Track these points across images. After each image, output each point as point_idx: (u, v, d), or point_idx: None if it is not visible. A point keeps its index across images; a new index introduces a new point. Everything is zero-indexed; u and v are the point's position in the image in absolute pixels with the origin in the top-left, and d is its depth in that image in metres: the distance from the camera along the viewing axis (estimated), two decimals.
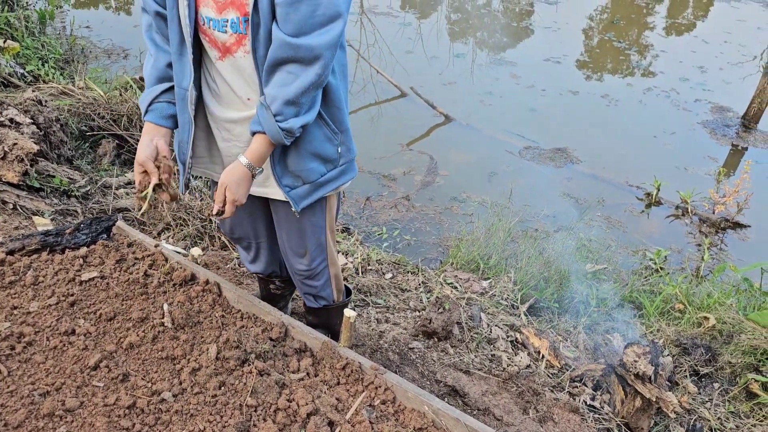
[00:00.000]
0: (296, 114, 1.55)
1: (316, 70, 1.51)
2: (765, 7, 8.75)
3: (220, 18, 1.57)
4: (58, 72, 4.62)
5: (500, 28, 7.54)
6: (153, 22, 1.71)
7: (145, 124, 1.74)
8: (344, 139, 1.79)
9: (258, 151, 1.61)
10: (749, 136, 5.38)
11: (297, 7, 1.45)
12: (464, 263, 3.41)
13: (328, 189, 1.82)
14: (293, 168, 1.73)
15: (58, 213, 2.79)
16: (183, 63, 1.67)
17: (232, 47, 1.60)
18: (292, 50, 1.49)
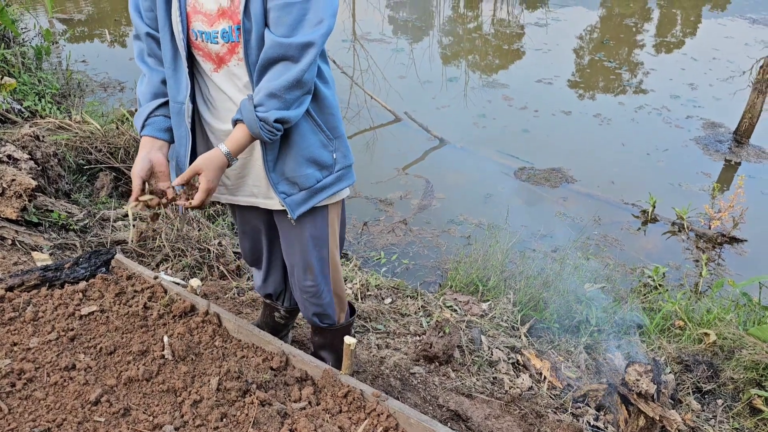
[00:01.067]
0: (277, 107, 1.58)
1: (302, 66, 1.55)
2: (751, 24, 8.88)
3: (211, 30, 1.62)
4: (54, 107, 4.66)
5: (492, 51, 7.64)
6: (145, 46, 1.76)
7: (142, 139, 1.75)
8: (339, 145, 1.82)
9: (236, 139, 1.64)
10: (742, 150, 5.42)
11: (289, 11, 1.53)
12: (463, 286, 3.42)
13: (325, 195, 1.83)
14: (289, 174, 1.76)
15: (57, 247, 2.80)
16: (178, 77, 1.71)
17: (226, 57, 1.65)
18: (282, 49, 1.55)
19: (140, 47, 1.78)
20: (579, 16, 9.02)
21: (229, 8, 1.59)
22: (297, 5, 1.52)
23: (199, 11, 1.62)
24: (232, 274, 3.08)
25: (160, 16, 1.65)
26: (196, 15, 1.62)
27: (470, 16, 9.02)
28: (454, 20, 8.81)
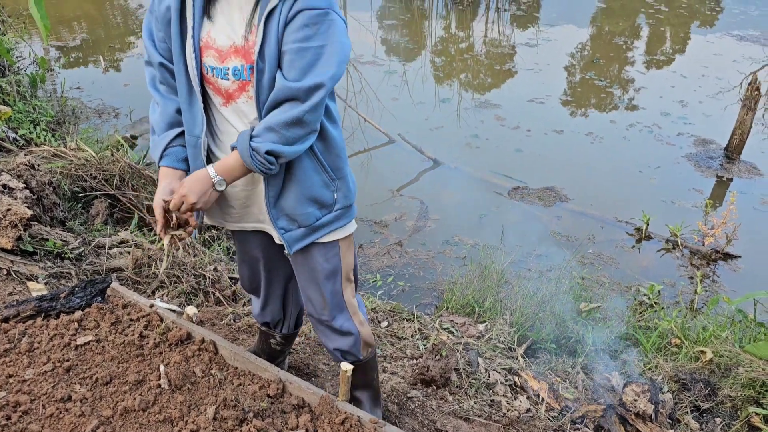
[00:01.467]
0: (272, 140, 1.59)
1: (306, 106, 1.57)
2: (738, 41, 9.01)
3: (222, 66, 1.65)
4: (50, 134, 4.67)
5: (484, 71, 7.72)
6: (157, 74, 1.78)
7: (161, 169, 1.77)
8: (341, 186, 1.84)
9: (226, 163, 1.67)
10: (733, 167, 5.47)
11: (303, 55, 1.56)
12: (459, 307, 3.42)
13: (324, 233, 1.84)
14: (289, 211, 1.78)
15: (52, 276, 2.79)
16: (193, 112, 1.73)
17: (235, 93, 1.68)
18: (291, 92, 1.57)
19: (152, 74, 1.80)
20: (569, 35, 9.13)
21: (243, 47, 1.61)
22: (312, 50, 1.55)
23: (211, 46, 1.65)
24: (228, 300, 3.08)
25: (175, 50, 1.67)
26: (208, 50, 1.65)
27: (462, 36, 9.12)
28: (446, 40, 8.91)
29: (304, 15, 1.54)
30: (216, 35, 1.64)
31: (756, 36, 9.26)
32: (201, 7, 1.63)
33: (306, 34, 1.54)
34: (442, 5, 10.36)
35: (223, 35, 1.63)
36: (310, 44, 1.55)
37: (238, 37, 1.61)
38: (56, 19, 8.70)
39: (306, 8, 1.54)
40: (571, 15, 10.15)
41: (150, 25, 1.76)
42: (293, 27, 1.55)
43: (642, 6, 10.68)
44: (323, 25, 1.55)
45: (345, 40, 1.59)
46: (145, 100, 5.90)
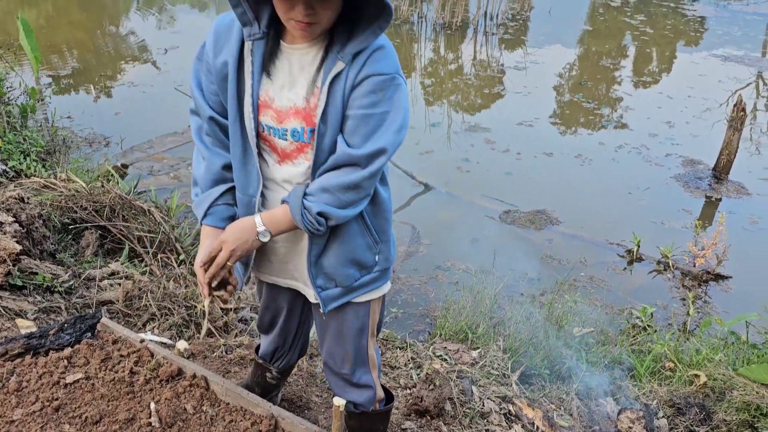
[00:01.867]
0: (325, 201, 1.55)
1: (366, 172, 1.53)
2: (723, 62, 9.15)
3: (280, 127, 1.59)
4: (40, 164, 4.66)
5: (473, 95, 7.79)
6: (205, 126, 1.71)
7: (204, 228, 1.72)
8: (383, 249, 1.80)
9: (275, 215, 1.61)
10: (721, 186, 5.52)
11: (368, 121, 1.51)
12: (452, 333, 3.41)
13: (359, 293, 1.81)
14: (329, 270, 1.74)
15: (42, 311, 2.77)
16: (249, 170, 1.67)
17: (292, 153, 1.62)
18: (353, 159, 1.52)
19: (199, 124, 1.74)
20: (557, 56, 9.24)
21: (304, 109, 1.55)
22: (376, 116, 1.51)
23: (269, 106, 1.58)
24: (220, 331, 3.06)
25: (231, 109, 1.61)
26: (266, 109, 1.58)
27: (451, 60, 9.22)
28: (436, 64, 9.00)
29: (371, 81, 1.49)
30: (275, 95, 1.58)
31: (740, 56, 9.41)
32: (260, 64, 1.56)
33: (372, 101, 1.50)
34: (430, 30, 10.48)
35: (283, 95, 1.57)
36: (376, 110, 1.51)
37: (299, 99, 1.55)
38: (47, 47, 8.74)
39: (374, 74, 1.49)
40: (558, 37, 10.30)
41: (199, 74, 1.69)
42: (360, 92, 1.50)
43: (627, 28, 10.85)
44: (389, 91, 1.51)
45: (407, 105, 1.56)
46: (136, 128, 5.96)
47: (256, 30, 1.53)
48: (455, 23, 10.43)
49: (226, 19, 1.63)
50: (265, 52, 1.56)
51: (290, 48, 1.56)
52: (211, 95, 1.67)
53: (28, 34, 5.91)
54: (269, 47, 1.56)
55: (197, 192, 1.75)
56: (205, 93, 1.68)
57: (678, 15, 11.70)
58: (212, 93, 1.67)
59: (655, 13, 11.78)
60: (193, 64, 1.70)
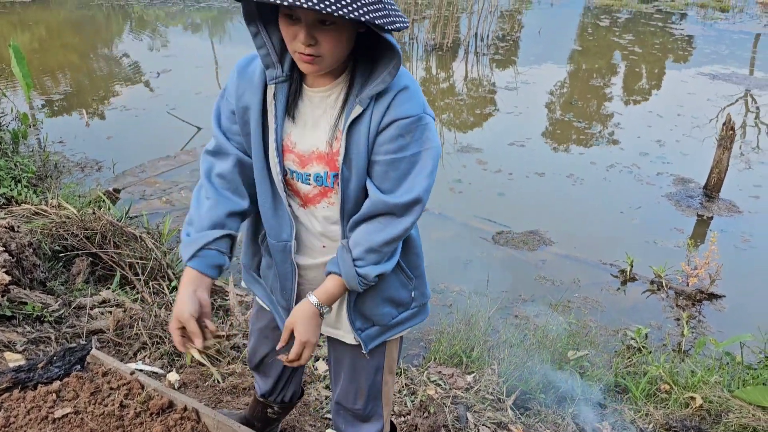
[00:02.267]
0: (376, 262, 1.54)
1: (405, 223, 1.52)
2: (711, 80, 9.25)
3: (302, 171, 1.56)
4: (30, 190, 4.64)
5: (465, 116, 7.84)
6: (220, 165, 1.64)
7: (187, 270, 1.58)
8: (418, 284, 1.78)
9: (330, 291, 1.58)
10: (713, 205, 5.55)
11: (397, 166, 1.48)
12: (447, 357, 3.39)
13: (398, 330, 1.79)
14: (367, 312, 1.72)
15: (31, 342, 2.73)
16: (280, 215, 1.63)
17: (315, 198, 1.60)
18: (388, 208, 1.50)
19: (210, 165, 1.66)
20: (547, 76, 9.33)
21: (327, 153, 1.52)
22: (405, 159, 1.47)
23: (291, 150, 1.56)
24: (212, 359, 3.03)
25: (256, 153, 1.57)
26: (289, 153, 1.56)
27: (442, 81, 9.28)
28: (427, 85, 9.05)
29: (398, 125, 1.45)
30: (297, 139, 1.55)
31: (727, 74, 9.52)
32: (284, 107, 1.53)
33: (400, 145, 1.46)
34: (422, 50, 10.57)
35: (305, 139, 1.54)
36: (405, 153, 1.47)
37: (322, 143, 1.52)
38: (40, 70, 8.76)
39: (400, 117, 1.45)
40: (548, 57, 10.40)
41: (221, 115, 1.64)
42: (386, 137, 1.46)
43: (616, 47, 10.98)
44: (417, 132, 1.47)
45: (437, 142, 1.52)
46: (128, 152, 5.95)
47: (280, 72, 1.50)
48: (446, 44, 10.52)
49: (248, 61, 1.60)
50: (288, 95, 1.53)
51: (311, 91, 1.53)
52: (235, 136, 1.63)
53: (19, 60, 5.92)
54: (292, 90, 1.53)
55: (189, 231, 1.63)
56: (228, 134, 1.64)
57: (666, 34, 11.85)
58: (235, 134, 1.63)
59: (643, 32, 11.93)
60: (215, 104, 1.66)
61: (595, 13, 13.46)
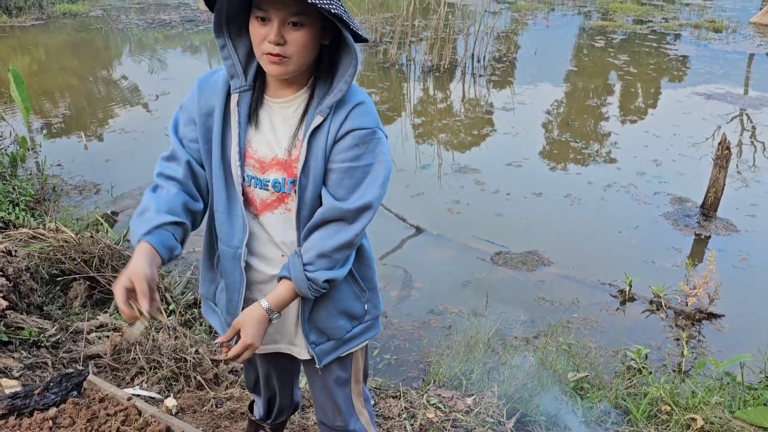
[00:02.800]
0: (326, 267, 1.58)
1: (356, 229, 1.58)
2: (706, 99, 9.32)
3: (262, 177, 1.62)
4: (29, 214, 4.65)
5: (462, 137, 7.88)
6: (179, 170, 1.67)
7: (141, 244, 1.54)
8: (371, 296, 1.82)
9: (281, 296, 1.61)
10: (710, 224, 5.56)
11: (351, 174, 1.56)
12: (447, 380, 3.37)
13: (352, 345, 1.82)
14: (320, 324, 1.74)
15: (27, 367, 2.72)
16: (233, 221, 1.67)
17: (273, 204, 1.65)
18: (341, 213, 1.56)
19: (164, 167, 1.69)
20: (544, 96, 9.39)
21: (285, 161, 1.59)
22: (359, 169, 1.56)
23: (251, 156, 1.62)
24: (210, 384, 3.01)
25: (215, 159, 1.62)
26: (249, 159, 1.63)
27: (440, 103, 9.34)
28: (425, 107, 9.11)
29: (354, 135, 1.54)
30: (258, 146, 1.62)
31: (722, 94, 9.60)
32: (246, 115, 1.61)
33: (355, 154, 1.55)
34: (419, 72, 10.65)
35: (266, 146, 1.61)
36: (359, 163, 1.55)
37: (281, 150, 1.60)
38: (39, 93, 8.81)
39: (356, 128, 1.54)
40: (544, 78, 10.49)
41: (179, 122, 1.70)
42: (342, 146, 1.55)
43: (612, 67, 11.08)
44: (371, 144, 1.56)
45: (389, 157, 1.61)
46: (126, 175, 5.96)
47: (243, 82, 1.60)
48: (443, 65, 10.61)
49: (209, 74, 1.69)
50: (251, 103, 1.62)
51: (272, 101, 1.62)
52: (191, 143, 1.68)
53: (18, 84, 5.96)
54: (255, 99, 1.62)
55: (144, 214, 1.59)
56: (183, 141, 1.69)
57: (660, 54, 11.96)
58: (192, 140, 1.68)
59: (638, 52, 12.05)
60: (176, 113, 1.73)
61: (590, 34, 13.60)
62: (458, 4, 14.25)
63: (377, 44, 11.80)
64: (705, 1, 17.99)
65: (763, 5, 16.88)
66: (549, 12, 15.98)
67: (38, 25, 13.40)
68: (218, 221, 1.70)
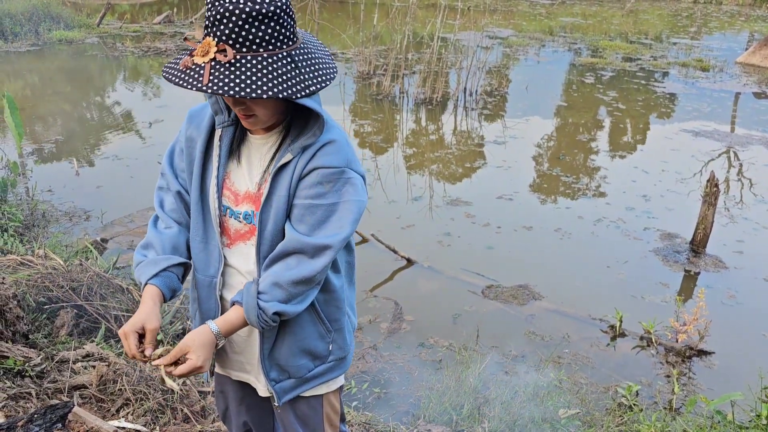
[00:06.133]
0: (280, 299, 1.56)
1: (316, 266, 1.56)
2: (694, 136, 9.46)
3: (236, 209, 1.67)
4: (17, 240, 4.61)
5: (454, 170, 7.93)
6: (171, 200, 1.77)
7: (149, 287, 1.65)
8: (336, 338, 1.80)
9: (230, 321, 1.60)
10: (699, 260, 5.60)
11: (313, 211, 1.57)
12: (437, 415, 3.34)
13: (314, 384, 1.80)
14: (282, 362, 1.73)
15: (11, 398, 2.66)
16: (209, 250, 1.70)
17: (245, 235, 1.68)
18: (300, 245, 1.56)
19: (162, 198, 1.80)
20: (535, 130, 9.49)
21: (255, 194, 1.64)
22: (323, 207, 1.56)
23: (229, 188, 1.68)
24: (197, 416, 2.96)
25: (194, 187, 1.68)
26: (226, 191, 1.68)
27: (432, 135, 9.42)
28: (417, 140, 9.19)
29: (318, 173, 1.55)
30: (235, 178, 1.67)
31: (709, 131, 9.75)
32: (227, 149, 1.66)
33: (318, 192, 1.56)
34: (412, 104, 10.76)
35: (241, 179, 1.67)
36: (322, 201, 1.56)
37: (252, 184, 1.65)
38: (32, 118, 8.80)
39: (321, 167, 1.55)
40: (535, 111, 10.61)
41: (173, 153, 1.78)
42: (306, 183, 1.57)
43: (601, 103, 11.24)
44: (338, 183, 1.56)
45: (360, 198, 1.60)
46: (117, 202, 5.95)
47: (226, 118, 1.66)
48: (436, 98, 10.73)
49: (200, 108, 1.75)
50: (232, 139, 1.67)
51: (252, 137, 1.67)
52: (182, 173, 1.76)
53: (13, 111, 5.96)
54: (236, 135, 1.67)
55: (147, 254, 1.72)
56: (176, 171, 1.77)
57: (649, 91, 12.16)
58: (182, 170, 1.75)
59: (626, 89, 12.24)
60: (171, 144, 1.80)
61: (580, 70, 13.83)
62: (451, 38, 14.48)
63: (371, 76, 11.93)
64: (692, 41, 18.38)
65: (748, 45, 17.28)
66: (540, 48, 16.26)
67: (34, 50, 13.46)
68: (194, 251, 1.73)
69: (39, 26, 14.70)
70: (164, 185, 1.80)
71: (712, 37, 19.65)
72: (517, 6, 24.90)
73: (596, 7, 25.58)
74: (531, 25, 19.71)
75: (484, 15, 17.43)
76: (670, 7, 26.68)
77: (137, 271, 1.71)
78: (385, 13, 13.98)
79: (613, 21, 21.85)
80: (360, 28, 12.82)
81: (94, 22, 16.09)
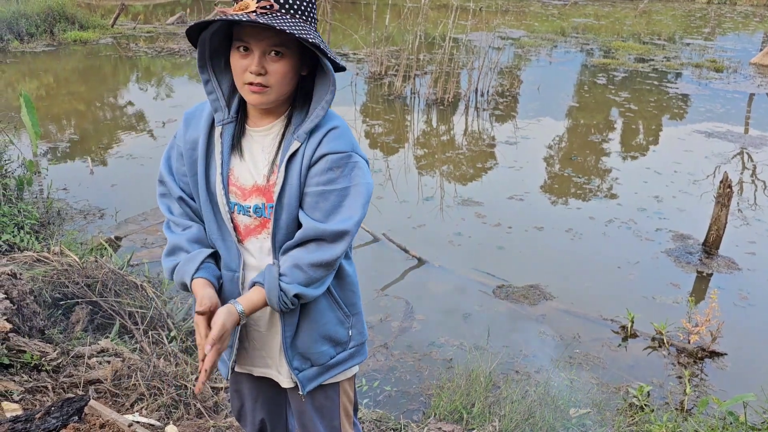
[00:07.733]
0: (300, 281, 1.59)
1: (335, 251, 1.59)
2: (707, 138, 9.40)
3: (244, 204, 1.68)
4: (33, 237, 4.67)
5: (465, 169, 7.93)
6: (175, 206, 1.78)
7: (198, 281, 1.65)
8: (355, 322, 1.83)
9: (252, 301, 1.62)
10: (712, 261, 5.57)
11: (327, 198, 1.59)
12: (447, 413, 3.35)
13: (336, 371, 1.82)
14: (303, 350, 1.75)
15: (28, 391, 2.71)
16: (228, 246, 1.72)
17: (256, 229, 1.70)
18: (318, 233, 1.58)
19: (168, 204, 1.80)
20: (546, 131, 9.47)
21: (264, 186, 1.65)
22: (336, 192, 1.59)
23: (234, 183, 1.69)
24: (210, 412, 3.00)
25: (201, 189, 1.69)
26: (232, 187, 1.69)
27: (444, 136, 9.43)
28: (428, 140, 9.20)
29: (327, 159, 1.59)
30: (239, 173, 1.68)
31: (723, 132, 9.68)
32: (229, 145, 1.68)
33: (329, 177, 1.59)
34: (423, 104, 10.77)
35: (247, 174, 1.67)
36: (334, 186, 1.59)
37: (260, 177, 1.66)
38: (47, 118, 8.90)
39: (330, 152, 1.59)
40: (547, 112, 10.59)
41: (170, 159, 1.78)
42: (317, 170, 1.59)
43: (613, 104, 11.19)
44: (347, 168, 1.60)
45: (368, 180, 1.64)
46: (131, 200, 6.00)
47: (227, 115, 1.67)
48: (447, 99, 10.73)
49: (194, 110, 1.77)
50: (234, 134, 1.67)
51: (253, 131, 1.69)
52: (182, 177, 1.76)
53: (29, 110, 6.04)
54: (237, 130, 1.69)
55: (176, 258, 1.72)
56: (175, 176, 1.77)
57: (661, 92, 12.10)
58: (182, 175, 1.75)
59: (639, 90, 12.18)
60: (167, 148, 1.80)
61: (592, 71, 13.78)
62: (463, 39, 14.48)
63: (382, 77, 11.95)
64: (706, 42, 18.26)
65: (763, 46, 17.13)
66: (552, 49, 16.21)
67: (49, 51, 13.60)
68: (218, 248, 1.75)
69: (54, 27, 14.85)
70: (166, 192, 1.81)
71: (726, 37, 19.52)
72: (529, 7, 24.85)
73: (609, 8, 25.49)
74: (543, 26, 19.66)
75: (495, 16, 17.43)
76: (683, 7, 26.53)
77: (176, 275, 1.71)
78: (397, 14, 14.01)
79: (625, 22, 21.76)
80: (372, 29, 12.85)
81: (108, 22, 16.24)
